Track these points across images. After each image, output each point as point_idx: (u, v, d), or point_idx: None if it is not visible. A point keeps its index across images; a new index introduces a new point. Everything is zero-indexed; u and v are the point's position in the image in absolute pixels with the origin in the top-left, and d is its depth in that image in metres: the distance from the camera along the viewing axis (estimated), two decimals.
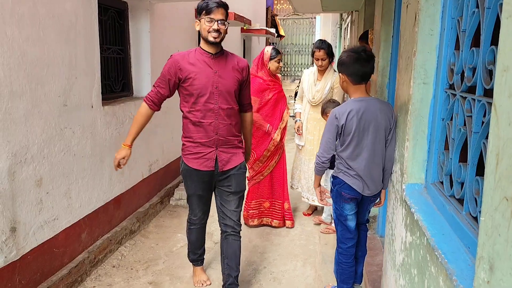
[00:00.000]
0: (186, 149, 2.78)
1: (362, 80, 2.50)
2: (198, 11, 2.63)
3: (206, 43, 2.68)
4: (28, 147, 2.65)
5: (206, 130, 2.70)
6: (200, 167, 2.75)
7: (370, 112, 2.46)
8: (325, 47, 4.07)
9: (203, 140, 2.72)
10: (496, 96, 1.03)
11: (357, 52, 2.48)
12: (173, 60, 2.68)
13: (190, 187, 2.86)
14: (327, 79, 4.15)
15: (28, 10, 2.58)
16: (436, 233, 1.63)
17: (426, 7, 2.02)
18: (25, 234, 2.66)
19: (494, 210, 0.99)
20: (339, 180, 2.60)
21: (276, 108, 4.07)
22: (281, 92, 4.11)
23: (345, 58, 2.51)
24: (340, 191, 2.60)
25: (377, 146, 2.50)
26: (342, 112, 2.47)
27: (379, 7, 3.70)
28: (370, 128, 2.47)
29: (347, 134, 2.49)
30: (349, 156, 2.53)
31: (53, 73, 2.83)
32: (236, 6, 8.35)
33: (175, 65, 2.65)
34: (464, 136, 1.65)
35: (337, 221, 2.72)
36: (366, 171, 2.52)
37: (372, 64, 2.51)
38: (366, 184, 2.54)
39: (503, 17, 1.00)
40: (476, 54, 1.54)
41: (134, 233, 4.05)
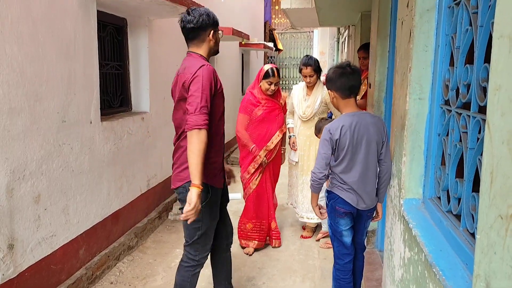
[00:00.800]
0: (208, 171, 2.44)
1: (350, 93, 2.55)
2: (215, 23, 2.55)
3: (209, 55, 2.60)
4: (27, 164, 2.65)
5: (221, 144, 2.60)
6: (220, 185, 2.59)
7: (362, 126, 2.50)
8: (312, 64, 4.09)
9: (218, 157, 2.58)
10: (489, 115, 1.04)
11: (341, 67, 2.57)
12: (211, 70, 2.40)
13: (216, 214, 2.59)
14: (317, 94, 4.16)
15: (28, 28, 2.61)
16: (434, 249, 1.63)
17: (421, 23, 2.05)
18: (22, 251, 2.64)
19: (490, 228, 0.99)
20: (334, 194, 2.61)
21: (262, 127, 3.89)
22: (273, 111, 3.93)
23: (331, 74, 2.58)
24: (335, 205, 2.61)
25: (370, 159, 2.53)
26: (335, 127, 2.50)
27: (375, 22, 3.74)
28: (363, 142, 2.50)
29: (341, 149, 2.51)
30: (342, 171, 2.54)
31: (52, 89, 2.85)
32: (234, 21, 8.44)
33: (214, 75, 2.41)
34: (460, 152, 1.66)
35: (333, 237, 2.72)
36: (360, 184, 2.54)
37: (357, 77, 2.56)
38: (360, 198, 2.56)
39: (494, 37, 1.02)
40: (470, 71, 1.56)
41: (132, 248, 4.02)
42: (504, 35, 0.96)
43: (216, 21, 2.56)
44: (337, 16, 6.25)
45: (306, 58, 4.16)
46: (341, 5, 5.01)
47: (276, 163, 4.08)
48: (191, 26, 2.47)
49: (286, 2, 6.41)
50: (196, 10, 2.50)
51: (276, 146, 3.96)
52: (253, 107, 3.89)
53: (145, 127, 4.36)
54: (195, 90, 2.30)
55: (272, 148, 3.91)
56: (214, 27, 2.55)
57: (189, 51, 2.56)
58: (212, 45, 2.58)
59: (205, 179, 2.37)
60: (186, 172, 2.40)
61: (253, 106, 3.89)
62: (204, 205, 2.42)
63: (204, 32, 2.50)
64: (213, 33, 2.54)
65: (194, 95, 2.29)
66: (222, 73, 7.67)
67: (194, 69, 2.37)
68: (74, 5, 3.08)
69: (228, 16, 8.03)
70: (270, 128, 3.91)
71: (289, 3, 6.37)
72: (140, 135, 4.25)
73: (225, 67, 7.96)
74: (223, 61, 7.73)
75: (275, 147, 3.95)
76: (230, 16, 8.22)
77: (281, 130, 3.96)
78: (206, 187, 2.41)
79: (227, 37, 6.58)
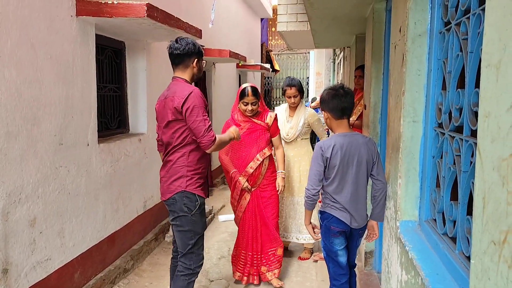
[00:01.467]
0: (195, 182, 2.75)
1: (343, 115, 2.60)
2: (200, 53, 2.84)
3: (192, 80, 2.89)
4: (23, 187, 2.64)
5: (206, 160, 2.89)
6: (206, 195, 2.86)
7: (353, 147, 2.55)
8: (296, 84, 4.09)
9: (204, 170, 2.87)
10: (480, 141, 1.06)
11: (335, 89, 2.63)
12: (199, 93, 2.69)
13: (204, 223, 2.83)
14: (300, 115, 4.13)
15: (26, 52, 2.64)
16: (431, 273, 1.63)
17: (413, 48, 2.09)
18: (17, 275, 2.61)
19: (483, 254, 1.00)
20: (327, 214, 2.63)
21: (242, 150, 3.63)
22: (253, 133, 3.62)
23: (325, 95, 2.65)
24: (329, 225, 2.61)
25: (360, 179, 2.58)
26: (327, 146, 2.55)
27: (369, 45, 3.80)
28: (354, 162, 2.55)
29: (332, 168, 2.55)
30: (334, 190, 2.58)
31: (49, 113, 2.87)
32: (231, 43, 8.55)
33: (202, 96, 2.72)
34: (454, 174, 1.68)
35: (327, 258, 2.71)
36: (352, 204, 2.57)
37: (350, 99, 2.61)
38: (353, 217, 2.58)
39: (482, 66, 1.05)
40: (462, 95, 1.59)
41: (128, 271, 3.98)
42: (492, 64, 0.98)
43: (200, 51, 2.87)
44: (332, 38, 6.35)
45: (289, 79, 4.13)
46: (336, 28, 5.10)
47: (269, 189, 3.70)
48: (177, 52, 2.76)
49: (282, 25, 6.51)
50: (184, 40, 2.80)
51: (259, 170, 3.61)
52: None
53: (142, 149, 4.36)
54: (196, 116, 2.63)
55: (252, 172, 3.59)
56: (199, 56, 2.85)
57: (175, 76, 2.85)
58: (196, 72, 2.88)
59: (194, 190, 2.74)
60: (175, 183, 2.73)
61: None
62: (194, 214, 2.73)
63: (189, 59, 2.80)
64: (197, 61, 2.84)
65: (197, 120, 2.63)
66: (220, 94, 7.74)
67: (184, 93, 2.66)
68: (73, 30, 3.12)
69: (225, 39, 8.14)
70: (249, 152, 3.60)
71: (285, 26, 6.48)
72: (137, 157, 4.25)
73: (223, 87, 8.03)
74: (220, 81, 7.80)
75: (257, 171, 3.61)
76: (227, 39, 8.33)
77: (262, 153, 3.60)
78: (194, 197, 2.73)
79: (225, 59, 6.65)
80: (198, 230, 2.76)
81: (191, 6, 5.99)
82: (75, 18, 3.14)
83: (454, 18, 1.73)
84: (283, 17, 6.46)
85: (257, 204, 3.67)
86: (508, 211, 0.89)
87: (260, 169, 3.62)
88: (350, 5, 3.74)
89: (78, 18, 3.17)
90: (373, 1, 3.50)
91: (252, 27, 11.46)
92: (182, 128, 2.70)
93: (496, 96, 0.96)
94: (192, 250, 2.75)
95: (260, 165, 3.61)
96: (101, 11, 3.15)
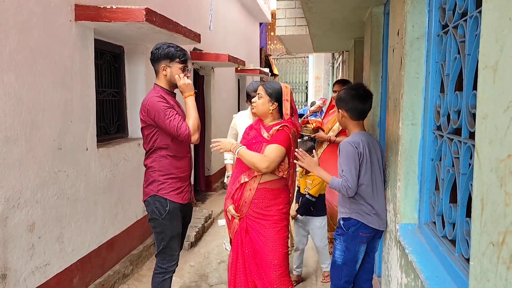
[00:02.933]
0: (168, 187, 2.78)
1: (359, 117, 2.54)
2: (170, 57, 2.77)
3: (170, 86, 2.85)
4: (22, 192, 2.64)
5: (185, 164, 2.88)
6: (182, 200, 2.85)
7: (374, 145, 2.51)
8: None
9: (183, 174, 2.86)
10: (478, 142, 1.06)
11: (355, 89, 2.54)
12: (155, 100, 2.69)
13: (176, 226, 2.86)
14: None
15: (25, 57, 2.64)
16: (430, 276, 1.62)
17: (411, 51, 2.10)
18: (15, 281, 2.60)
19: (482, 255, 1.00)
20: (354, 221, 2.47)
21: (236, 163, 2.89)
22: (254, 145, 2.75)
23: (344, 94, 2.54)
24: (357, 232, 2.47)
25: (380, 178, 2.53)
26: (357, 142, 2.42)
27: (367, 49, 3.81)
28: (377, 160, 2.50)
29: (363, 165, 2.43)
30: (369, 195, 2.44)
31: (48, 117, 2.87)
32: (230, 48, 8.57)
33: (162, 100, 2.70)
34: (453, 177, 1.68)
35: (342, 268, 2.52)
36: (382, 205, 2.50)
37: (370, 101, 2.55)
38: (381, 219, 2.50)
39: (480, 67, 1.05)
40: (460, 98, 1.59)
41: (127, 277, 3.97)
42: (489, 65, 0.99)
43: (170, 55, 2.76)
44: (331, 42, 6.37)
45: (255, 83, 3.49)
46: (334, 32, 5.12)
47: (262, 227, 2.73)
48: (150, 58, 2.83)
49: (281, 29, 6.53)
50: (157, 45, 2.80)
51: (240, 195, 2.76)
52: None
53: (141, 153, 4.35)
54: (163, 120, 2.66)
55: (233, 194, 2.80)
56: (168, 60, 2.77)
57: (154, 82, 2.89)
58: (169, 78, 2.80)
59: (166, 194, 2.77)
60: (149, 187, 2.80)
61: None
62: (164, 218, 2.78)
63: (158, 64, 2.79)
64: (164, 67, 2.78)
65: (165, 123, 2.66)
66: (219, 98, 7.74)
67: (144, 102, 2.73)
68: (71, 34, 3.13)
69: (224, 43, 8.16)
70: (241, 168, 2.79)
71: (284, 30, 6.49)
72: (136, 161, 4.25)
73: (222, 92, 8.04)
74: (219, 86, 7.81)
75: (237, 195, 2.78)
76: (226, 43, 8.35)
77: (248, 173, 2.73)
78: (165, 201, 2.78)
79: (224, 63, 6.67)
80: (169, 233, 2.83)
81: (190, 10, 6.00)
82: (74, 23, 3.15)
83: (451, 21, 1.73)
84: (281, 21, 6.48)
85: (242, 241, 2.79)
86: (506, 212, 0.89)
87: (242, 193, 2.75)
88: (348, 9, 3.76)
89: (77, 23, 3.18)
90: (371, 5, 3.52)
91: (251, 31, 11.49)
92: (150, 134, 2.77)
93: (494, 98, 0.97)
94: (165, 250, 2.86)
95: (240, 188, 2.76)
96: (100, 15, 3.16)
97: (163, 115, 2.65)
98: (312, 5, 3.61)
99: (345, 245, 2.49)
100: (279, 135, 2.65)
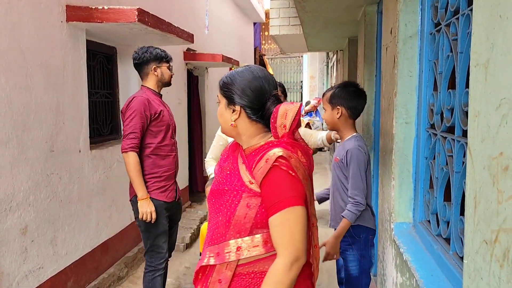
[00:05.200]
0: (151, 185, 2.85)
1: (357, 117, 2.45)
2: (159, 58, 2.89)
3: (158, 86, 2.96)
4: (14, 195, 2.61)
5: (169, 162, 2.93)
6: (167, 198, 2.90)
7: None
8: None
9: (167, 173, 2.92)
10: (470, 140, 1.05)
11: (355, 86, 2.44)
12: (141, 100, 2.78)
13: (161, 224, 2.88)
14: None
15: (16, 58, 2.62)
16: (425, 274, 1.62)
17: (404, 50, 2.09)
18: (8, 285, 2.58)
19: (475, 253, 0.99)
20: (363, 227, 2.38)
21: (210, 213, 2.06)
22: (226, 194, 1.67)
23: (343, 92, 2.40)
24: (368, 235, 2.41)
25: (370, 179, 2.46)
26: (362, 146, 2.36)
27: (361, 48, 3.81)
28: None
29: (368, 170, 2.37)
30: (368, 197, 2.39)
31: (40, 119, 2.84)
32: (224, 48, 8.55)
33: (144, 104, 2.78)
34: (447, 175, 1.68)
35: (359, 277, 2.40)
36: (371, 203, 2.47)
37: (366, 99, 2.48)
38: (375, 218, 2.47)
39: (471, 65, 1.04)
40: (453, 96, 1.59)
41: (122, 279, 3.94)
42: (480, 63, 0.98)
43: (159, 56, 2.90)
44: (325, 42, 6.37)
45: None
46: (328, 31, 5.11)
47: None
48: (135, 62, 2.92)
49: (274, 29, 6.52)
50: (142, 49, 2.90)
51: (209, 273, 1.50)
52: None
53: None
54: (125, 120, 2.78)
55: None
56: (157, 61, 2.90)
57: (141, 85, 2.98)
58: (160, 78, 2.94)
59: (150, 194, 2.81)
60: (132, 188, 2.86)
61: None
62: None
63: (147, 66, 2.90)
64: (156, 67, 2.90)
65: (124, 123, 2.79)
66: (213, 99, 7.73)
67: (128, 101, 2.82)
68: (63, 36, 3.10)
69: (218, 43, 8.14)
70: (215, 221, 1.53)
71: (278, 29, 6.49)
72: None
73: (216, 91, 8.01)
74: (213, 86, 7.80)
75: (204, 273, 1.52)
76: (220, 43, 8.33)
77: (218, 248, 1.49)
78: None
79: (218, 63, 6.65)
80: (154, 231, 2.86)
81: (182, 10, 5.98)
82: (66, 24, 3.13)
83: (444, 19, 1.73)
84: (275, 21, 6.48)
85: None
86: (499, 210, 0.88)
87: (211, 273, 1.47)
88: (341, 8, 3.75)
89: (69, 24, 3.15)
90: (365, 4, 3.52)
91: (245, 31, 11.48)
92: None
93: (485, 95, 0.96)
94: (152, 248, 2.90)
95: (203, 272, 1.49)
96: (91, 16, 3.14)
97: (132, 117, 2.75)
98: (305, 4, 3.61)
99: (359, 253, 2.39)
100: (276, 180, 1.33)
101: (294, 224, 1.30)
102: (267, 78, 1.47)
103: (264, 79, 1.46)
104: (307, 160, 1.44)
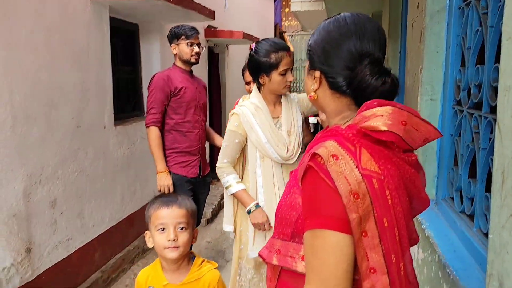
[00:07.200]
0: (172, 160, 2.98)
1: None
2: (176, 36, 2.95)
3: (184, 63, 3.02)
4: (43, 169, 2.70)
5: (191, 139, 3.02)
6: (188, 174, 3.00)
7: None
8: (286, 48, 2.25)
9: (190, 149, 3.01)
10: (500, 115, 1.04)
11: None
12: (160, 77, 2.92)
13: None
14: (289, 104, 2.26)
15: (42, 37, 2.66)
16: (448, 250, 1.63)
17: (431, 25, 2.05)
18: (39, 254, 2.69)
19: (502, 228, 1.00)
20: None
21: None
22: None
23: None
24: None
25: None
26: None
27: (385, 24, 3.74)
28: None
29: None
30: None
31: (66, 97, 2.90)
32: (244, 24, 8.47)
33: (163, 79, 2.90)
34: (472, 152, 1.66)
35: None
36: None
37: None
38: None
39: (503, 38, 1.02)
40: (481, 72, 1.56)
41: (146, 252, 4.07)
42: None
43: (176, 34, 2.95)
44: None
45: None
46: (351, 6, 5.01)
47: None
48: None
49: (296, 5, 6.42)
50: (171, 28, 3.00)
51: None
52: None
53: None
54: (148, 96, 2.94)
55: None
56: (174, 39, 2.97)
57: None
58: (181, 55, 2.99)
59: (169, 168, 2.95)
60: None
61: None
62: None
63: (170, 45, 3.01)
64: (174, 47, 2.99)
65: (147, 100, 2.95)
66: (233, 76, 7.72)
67: (151, 78, 2.98)
68: (86, 13, 3.13)
69: (238, 20, 8.07)
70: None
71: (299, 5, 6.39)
72: None
73: (235, 69, 7.99)
74: (233, 64, 7.77)
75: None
76: (240, 20, 8.25)
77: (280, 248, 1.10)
78: (169, 173, 2.94)
79: (238, 40, 6.61)
80: None
81: None
82: (89, 1, 3.15)
83: None
84: None
85: None
86: None
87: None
88: None
89: (92, 1, 3.17)
90: None
91: (265, 7, 11.32)
92: None
93: None
94: None
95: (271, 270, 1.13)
96: None
97: (152, 94, 2.90)
98: None
99: None
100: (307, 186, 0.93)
101: (323, 253, 0.87)
102: (363, 32, 1.00)
103: (358, 34, 1.00)
104: (397, 168, 0.90)
